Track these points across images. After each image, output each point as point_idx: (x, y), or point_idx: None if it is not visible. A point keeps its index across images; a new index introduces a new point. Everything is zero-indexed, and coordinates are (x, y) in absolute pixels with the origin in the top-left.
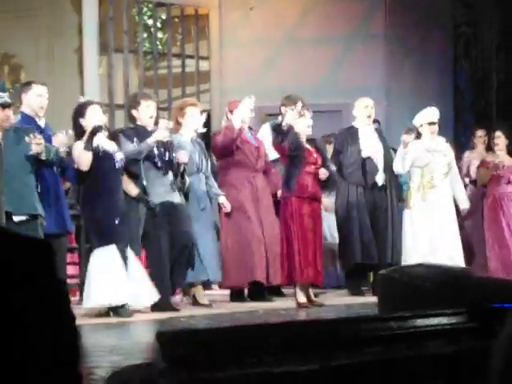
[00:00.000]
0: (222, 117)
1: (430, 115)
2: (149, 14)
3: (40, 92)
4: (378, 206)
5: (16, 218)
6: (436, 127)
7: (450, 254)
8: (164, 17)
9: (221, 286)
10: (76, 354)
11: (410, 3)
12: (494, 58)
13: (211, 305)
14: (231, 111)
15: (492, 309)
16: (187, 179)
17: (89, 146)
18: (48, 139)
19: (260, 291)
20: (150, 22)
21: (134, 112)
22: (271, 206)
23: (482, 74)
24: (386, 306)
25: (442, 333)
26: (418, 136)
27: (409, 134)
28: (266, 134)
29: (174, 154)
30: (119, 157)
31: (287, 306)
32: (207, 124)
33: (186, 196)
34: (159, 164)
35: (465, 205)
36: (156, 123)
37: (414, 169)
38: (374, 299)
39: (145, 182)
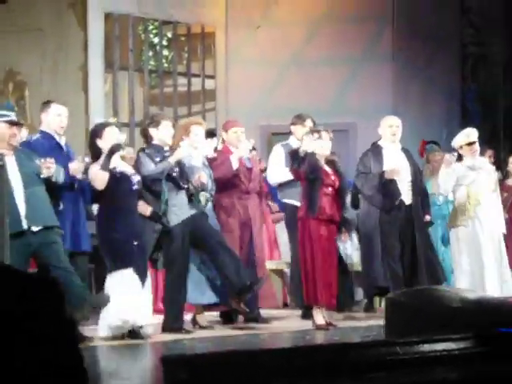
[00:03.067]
0: None
1: (466, 136)
2: (154, 32)
3: (60, 112)
4: (405, 227)
5: (34, 228)
6: (476, 146)
7: (498, 273)
8: (170, 35)
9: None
10: None
11: (418, 24)
12: (502, 79)
13: (212, 327)
14: (226, 131)
15: (499, 334)
16: (202, 196)
17: (106, 165)
18: (67, 157)
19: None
20: (156, 40)
21: (152, 131)
22: (262, 228)
23: (489, 95)
24: (392, 329)
25: (449, 358)
26: (460, 158)
27: (451, 154)
28: (276, 156)
29: (188, 174)
30: (136, 179)
31: (306, 327)
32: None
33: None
34: (181, 183)
35: (502, 229)
36: None
37: (459, 187)
38: (380, 322)
39: (166, 197)
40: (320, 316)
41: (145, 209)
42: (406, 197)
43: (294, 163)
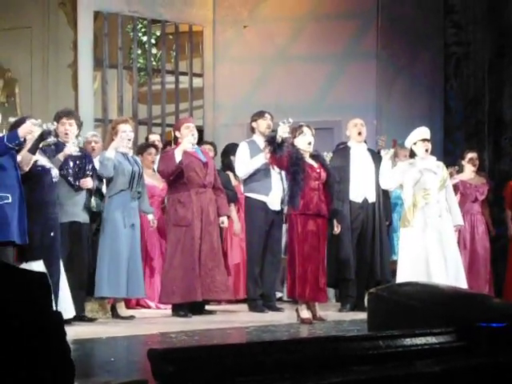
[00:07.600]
0: (215, 133)
1: (422, 133)
2: (143, 30)
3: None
4: (366, 223)
5: None
6: (429, 144)
7: (450, 273)
8: (158, 33)
9: (160, 302)
10: None
11: (402, 23)
12: (486, 78)
13: (133, 317)
14: (179, 129)
15: (480, 328)
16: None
17: (34, 149)
18: None
19: (199, 306)
20: (145, 38)
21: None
22: (216, 222)
23: (473, 94)
24: (375, 323)
25: (430, 352)
26: (412, 155)
27: (403, 149)
28: (242, 152)
29: (89, 172)
30: (55, 172)
31: (289, 321)
32: (200, 140)
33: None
34: (72, 181)
35: (459, 222)
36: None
37: (406, 188)
38: (363, 316)
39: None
40: (304, 310)
41: None
42: (371, 195)
43: (272, 150)
